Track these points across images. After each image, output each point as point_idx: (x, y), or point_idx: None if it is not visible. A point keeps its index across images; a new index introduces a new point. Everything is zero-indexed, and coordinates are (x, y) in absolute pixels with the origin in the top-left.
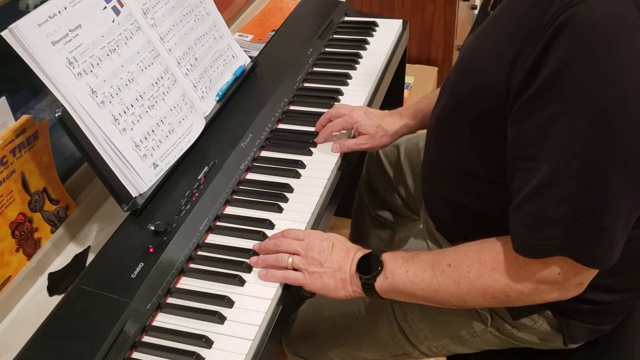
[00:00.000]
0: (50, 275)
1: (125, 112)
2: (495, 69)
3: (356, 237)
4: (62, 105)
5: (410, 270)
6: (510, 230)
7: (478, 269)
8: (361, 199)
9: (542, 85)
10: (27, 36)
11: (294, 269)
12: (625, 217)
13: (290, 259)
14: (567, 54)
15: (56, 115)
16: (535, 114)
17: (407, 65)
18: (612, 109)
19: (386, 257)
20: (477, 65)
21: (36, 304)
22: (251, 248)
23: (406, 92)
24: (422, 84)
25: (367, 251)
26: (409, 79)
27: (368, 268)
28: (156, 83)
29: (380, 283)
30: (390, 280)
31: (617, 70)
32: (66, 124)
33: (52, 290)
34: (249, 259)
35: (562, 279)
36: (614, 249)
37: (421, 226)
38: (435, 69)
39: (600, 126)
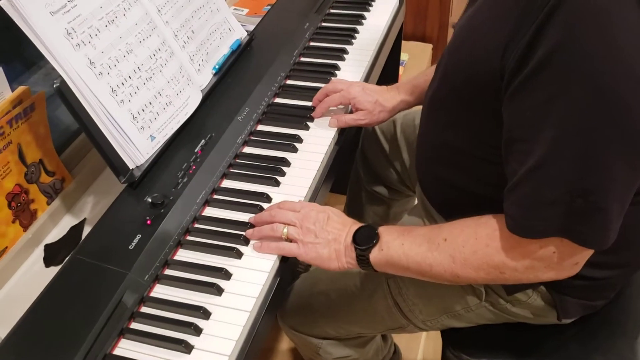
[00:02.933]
0: (47, 246)
1: (123, 84)
2: (490, 50)
3: (351, 212)
4: (60, 76)
5: (405, 244)
6: (505, 210)
7: (473, 245)
8: (357, 173)
9: (538, 66)
10: (25, 5)
11: (289, 240)
12: (621, 197)
13: (285, 230)
14: (562, 33)
15: (54, 86)
16: (531, 95)
17: (402, 42)
18: (608, 89)
19: (382, 229)
20: (471, 46)
21: (33, 275)
22: (248, 221)
23: (401, 69)
24: (417, 61)
25: (363, 224)
26: (403, 56)
27: (364, 239)
28: (154, 55)
29: (375, 255)
30: (385, 252)
31: (613, 50)
32: (64, 94)
33: (48, 261)
34: (246, 231)
35: (558, 259)
36: (611, 229)
37: (416, 202)
38: (430, 46)
39: (596, 106)
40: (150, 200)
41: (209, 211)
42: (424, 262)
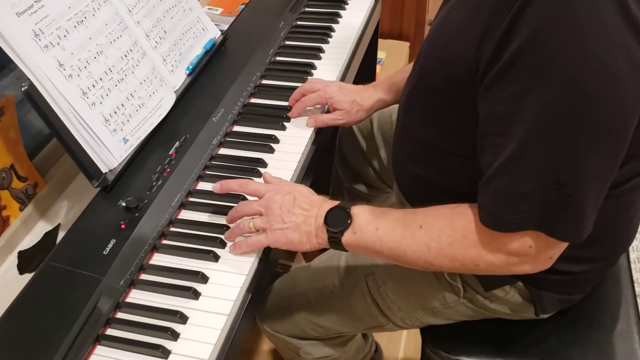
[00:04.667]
0: (20, 253)
1: (94, 86)
2: (465, 44)
3: None
4: (28, 79)
5: (380, 228)
6: (479, 204)
7: (450, 235)
8: (336, 172)
9: (511, 59)
10: None
11: (258, 232)
12: (596, 190)
13: (251, 223)
14: (535, 26)
15: (22, 89)
16: (504, 88)
17: (379, 40)
18: (581, 82)
19: (355, 211)
20: (447, 41)
21: (6, 283)
22: (225, 223)
23: (378, 67)
24: (394, 59)
25: (334, 203)
26: (380, 54)
27: (336, 221)
28: (125, 56)
29: (347, 237)
30: (358, 236)
31: (586, 43)
32: (33, 98)
33: (22, 268)
34: (223, 234)
35: (533, 252)
36: (585, 222)
37: (394, 200)
38: (407, 44)
39: (567, 100)
40: (124, 204)
41: (185, 214)
42: (398, 248)
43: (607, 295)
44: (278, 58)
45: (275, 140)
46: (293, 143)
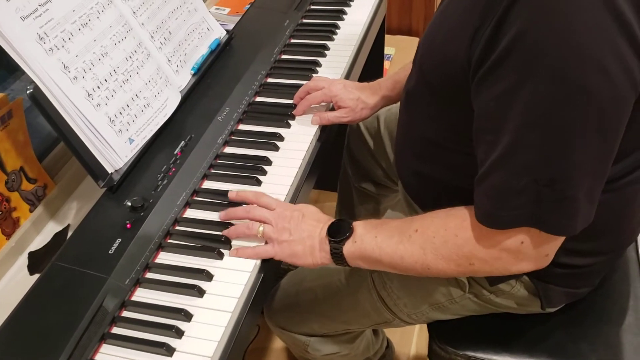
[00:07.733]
0: (31, 254)
1: (99, 87)
2: (458, 41)
3: (343, 209)
4: (33, 82)
5: (378, 236)
6: (474, 201)
7: (443, 235)
8: (345, 171)
9: (500, 56)
10: None
11: (264, 239)
12: (589, 185)
13: (261, 228)
14: (522, 23)
15: (27, 92)
16: (495, 85)
17: (388, 37)
18: (569, 74)
19: (357, 223)
20: (442, 38)
21: (17, 284)
22: (219, 217)
23: (387, 64)
24: (403, 55)
25: (338, 219)
26: (389, 50)
27: (338, 232)
28: (130, 57)
29: (348, 247)
30: (358, 245)
31: (573, 36)
32: (38, 100)
33: (32, 269)
34: (223, 231)
35: (526, 250)
36: (579, 216)
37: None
38: (416, 39)
39: (558, 93)
40: (129, 203)
41: (190, 213)
42: (395, 254)
43: (616, 288)
44: (283, 56)
45: (280, 138)
46: (298, 140)
